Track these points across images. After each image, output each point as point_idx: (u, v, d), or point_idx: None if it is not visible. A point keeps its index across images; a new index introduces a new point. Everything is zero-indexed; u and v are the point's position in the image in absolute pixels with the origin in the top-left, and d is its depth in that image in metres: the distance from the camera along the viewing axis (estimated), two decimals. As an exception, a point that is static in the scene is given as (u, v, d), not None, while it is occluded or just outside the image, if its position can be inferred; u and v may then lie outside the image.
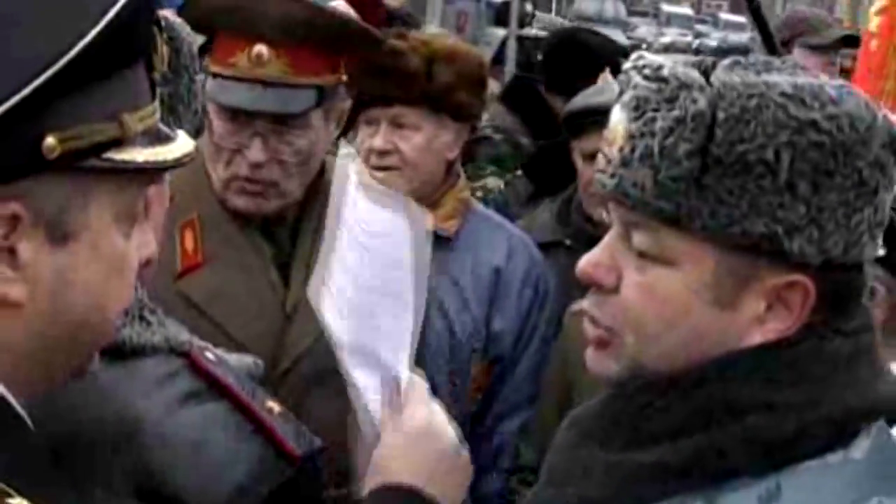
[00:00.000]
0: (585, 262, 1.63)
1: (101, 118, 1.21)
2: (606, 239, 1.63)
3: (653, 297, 1.58)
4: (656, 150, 1.54)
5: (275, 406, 1.85)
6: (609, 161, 1.59)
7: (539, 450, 3.13)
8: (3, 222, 1.19)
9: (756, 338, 1.57)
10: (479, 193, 4.33)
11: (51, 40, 1.17)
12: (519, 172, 4.82)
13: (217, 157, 2.70)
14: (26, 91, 1.14)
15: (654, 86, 1.56)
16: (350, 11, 2.95)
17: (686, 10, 50.19)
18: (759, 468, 1.52)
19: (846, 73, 5.11)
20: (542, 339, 3.39)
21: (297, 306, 2.64)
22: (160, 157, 1.27)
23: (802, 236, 1.53)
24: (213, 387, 1.77)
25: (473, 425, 3.27)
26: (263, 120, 2.66)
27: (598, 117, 3.45)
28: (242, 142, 2.66)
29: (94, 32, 1.17)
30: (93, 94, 1.19)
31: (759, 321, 1.57)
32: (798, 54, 5.44)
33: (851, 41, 5.48)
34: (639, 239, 1.58)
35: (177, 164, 1.30)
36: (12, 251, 1.20)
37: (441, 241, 3.05)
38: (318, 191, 2.72)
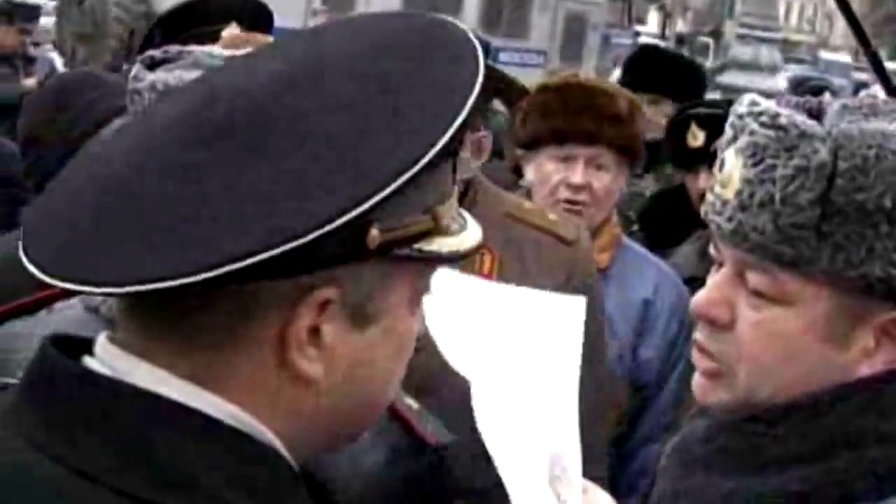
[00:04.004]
0: (701, 300, 1.70)
1: (419, 211, 1.22)
2: (719, 278, 1.69)
3: (768, 335, 1.63)
4: (777, 197, 1.57)
5: (412, 403, 1.94)
6: (725, 203, 1.64)
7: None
8: (316, 306, 1.19)
9: (864, 370, 1.62)
10: None
11: (408, 143, 1.17)
12: (635, 227, 4.82)
13: None
14: (382, 195, 1.15)
15: (772, 133, 1.59)
16: None
17: (845, 58, 49.36)
18: (874, 495, 1.58)
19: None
20: (684, 369, 3.43)
21: None
22: (461, 247, 1.27)
23: None
24: None
25: (618, 448, 3.40)
26: None
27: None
28: None
29: (447, 137, 1.18)
30: (415, 187, 1.18)
31: (867, 354, 1.62)
32: None
33: None
34: (755, 279, 1.63)
35: (470, 252, 1.30)
36: (317, 331, 1.20)
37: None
38: None
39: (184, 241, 1.12)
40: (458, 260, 1.29)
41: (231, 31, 3.50)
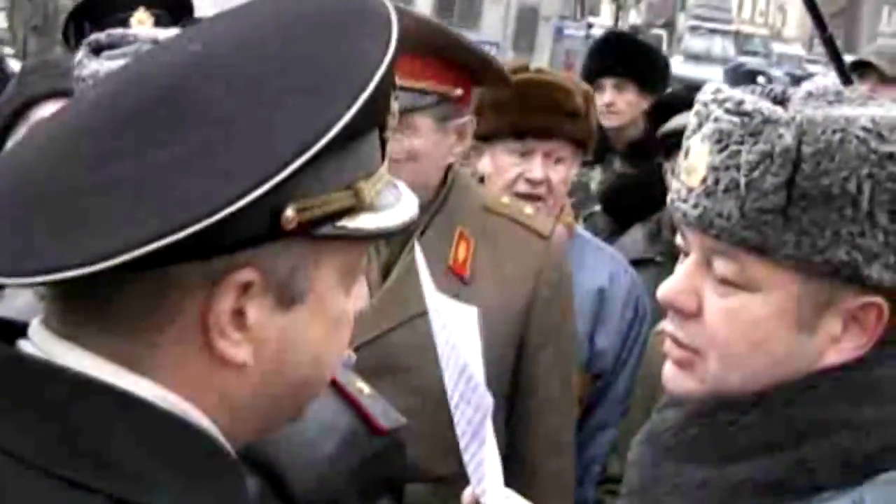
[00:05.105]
0: (668, 288, 1.68)
1: (339, 187, 1.20)
2: (686, 266, 1.68)
3: (737, 322, 1.63)
4: (743, 182, 1.57)
5: (364, 387, 1.93)
6: (690, 191, 1.63)
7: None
8: (236, 288, 1.17)
9: (832, 357, 1.63)
10: None
11: (309, 121, 1.16)
12: (597, 208, 4.85)
13: None
14: (285, 173, 1.13)
15: (737, 119, 1.59)
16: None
17: (798, 50, 49.59)
18: (844, 482, 1.58)
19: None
20: (638, 357, 3.49)
21: (379, 299, 2.75)
22: (390, 224, 1.25)
23: (880, 262, 1.58)
24: None
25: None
26: None
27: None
28: None
29: (351, 113, 1.16)
30: (332, 163, 1.18)
31: (835, 340, 1.63)
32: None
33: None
34: (722, 266, 1.62)
35: (403, 228, 1.27)
36: (241, 313, 1.19)
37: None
38: (435, 200, 2.87)
39: (88, 229, 1.12)
40: (388, 237, 1.26)
41: (140, 15, 3.47)
